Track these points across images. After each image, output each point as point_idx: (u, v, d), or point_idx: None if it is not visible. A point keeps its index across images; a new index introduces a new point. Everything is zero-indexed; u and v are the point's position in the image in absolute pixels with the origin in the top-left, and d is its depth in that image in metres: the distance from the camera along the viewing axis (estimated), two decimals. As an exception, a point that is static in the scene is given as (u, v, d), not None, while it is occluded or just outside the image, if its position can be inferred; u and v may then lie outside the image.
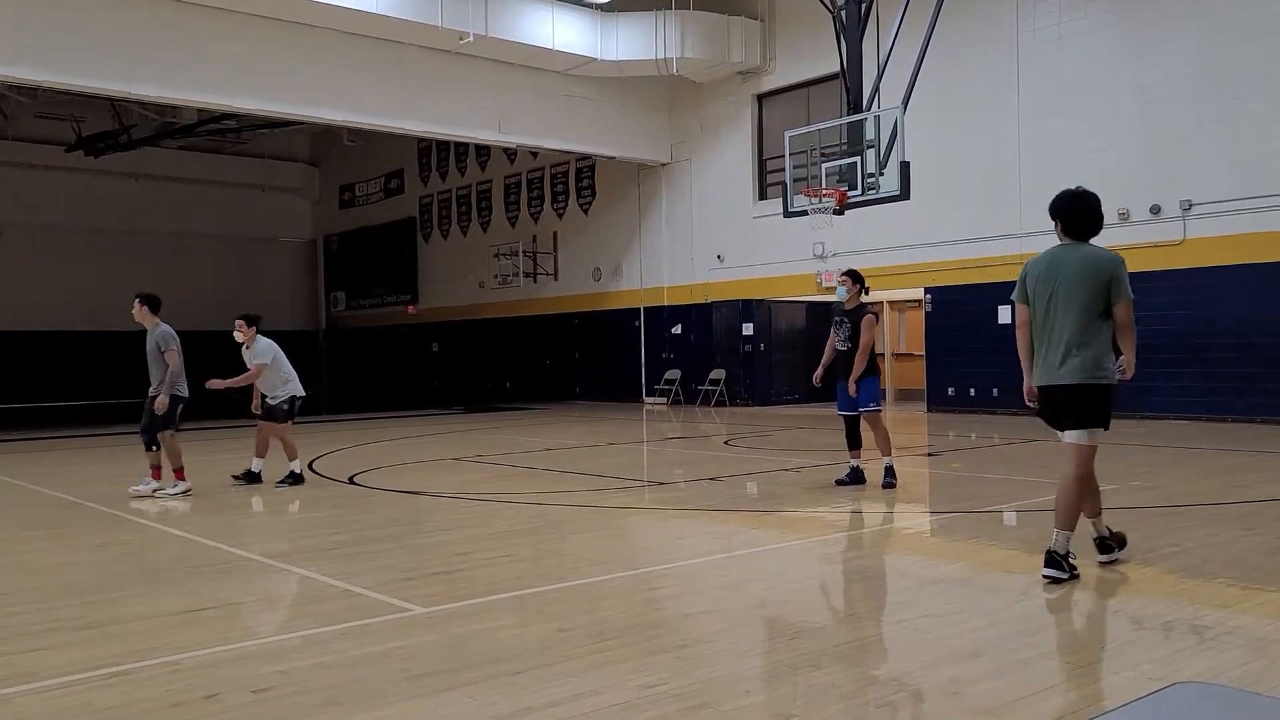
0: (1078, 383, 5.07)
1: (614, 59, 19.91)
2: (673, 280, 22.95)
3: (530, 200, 26.97)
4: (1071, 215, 5.28)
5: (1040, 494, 8.25)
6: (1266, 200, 14.07)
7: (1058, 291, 5.12)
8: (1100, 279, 5.05)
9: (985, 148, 17.13)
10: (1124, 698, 3.28)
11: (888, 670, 3.88)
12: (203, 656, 4.10)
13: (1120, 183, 15.48)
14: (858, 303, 8.74)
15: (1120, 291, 5.04)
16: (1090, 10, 15.93)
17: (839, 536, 6.78)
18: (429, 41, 18.17)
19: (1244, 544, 6.00)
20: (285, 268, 35.38)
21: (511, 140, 20.87)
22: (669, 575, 5.70)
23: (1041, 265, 5.26)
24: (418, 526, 7.59)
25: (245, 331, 9.76)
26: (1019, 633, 4.42)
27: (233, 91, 17.04)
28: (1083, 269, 5.08)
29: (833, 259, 19.52)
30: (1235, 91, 14.36)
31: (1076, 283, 5.07)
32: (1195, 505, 7.44)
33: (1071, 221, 5.26)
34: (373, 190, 33.11)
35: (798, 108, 20.19)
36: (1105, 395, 5.11)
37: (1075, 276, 5.08)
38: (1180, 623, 4.36)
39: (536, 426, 17.35)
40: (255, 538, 7.03)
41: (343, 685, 3.75)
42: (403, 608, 4.85)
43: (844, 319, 8.71)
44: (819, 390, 9.98)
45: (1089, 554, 5.43)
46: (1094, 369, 5.05)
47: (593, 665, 3.94)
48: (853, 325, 8.63)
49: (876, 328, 8.72)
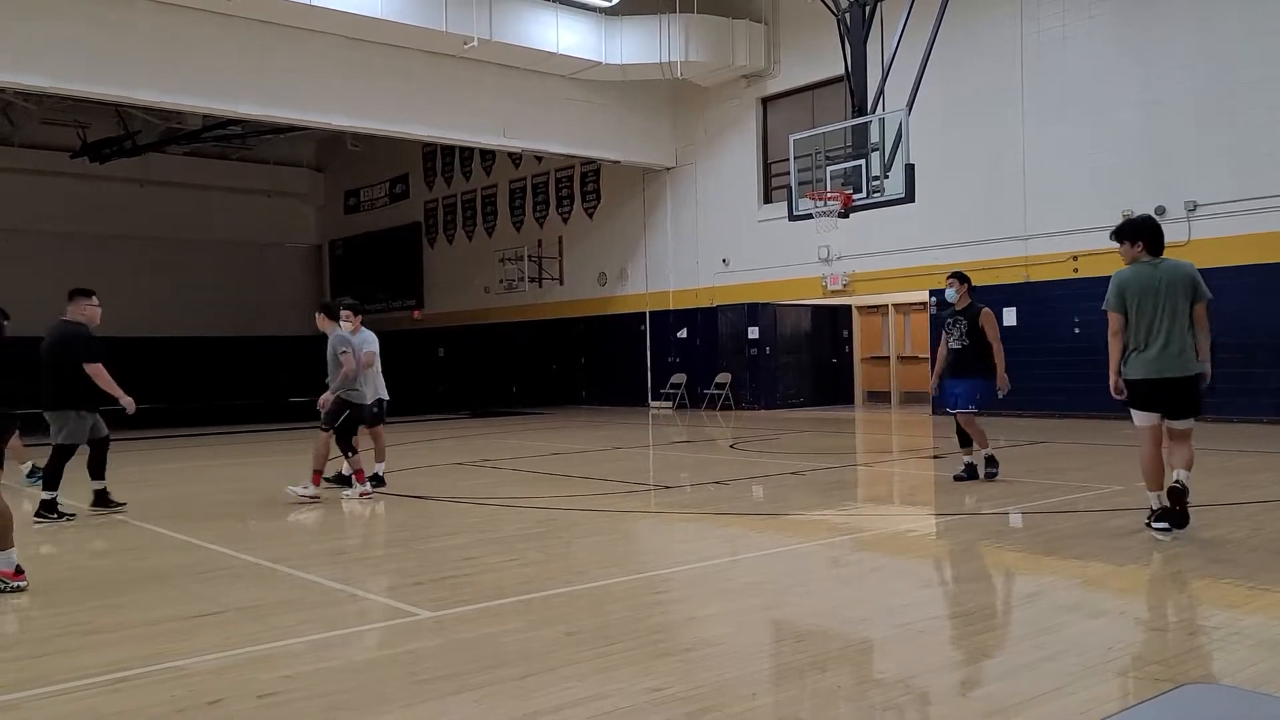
0: (1196, 374, 6.07)
1: (618, 63, 19.93)
2: (678, 284, 22.95)
3: (535, 205, 27.00)
4: (1154, 235, 6.27)
5: (1046, 496, 8.23)
6: (1272, 200, 14.03)
7: (1163, 299, 6.04)
8: (1190, 284, 6.07)
9: (989, 150, 17.11)
10: (1132, 699, 3.27)
11: (893, 672, 3.87)
12: (208, 662, 4.11)
13: (1124, 184, 15.47)
14: (968, 301, 8.97)
15: (1201, 292, 6.07)
16: (1094, 12, 15.92)
17: (844, 539, 6.76)
18: (433, 46, 18.22)
19: (1251, 544, 5.98)
20: (291, 273, 35.47)
21: (516, 145, 20.90)
22: (675, 579, 5.70)
23: (1141, 279, 6.16)
24: (424, 531, 7.59)
25: (353, 321, 9.46)
26: (1026, 634, 4.41)
27: (237, 97, 17.09)
28: (1180, 278, 6.08)
29: (838, 262, 19.52)
30: (1239, 92, 14.33)
31: (1179, 290, 6.05)
32: (1202, 506, 7.40)
33: (1154, 240, 6.26)
34: (378, 195, 33.17)
35: (802, 111, 20.19)
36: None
37: (1177, 285, 6.06)
38: (1187, 623, 4.34)
39: (542, 431, 17.35)
40: (261, 542, 7.03)
41: (348, 690, 3.75)
42: (409, 612, 4.85)
43: (957, 319, 8.93)
44: (824, 394, 10.18)
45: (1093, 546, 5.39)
46: (1197, 361, 6.09)
47: (599, 669, 3.94)
48: (968, 322, 8.81)
49: (994, 320, 8.90)
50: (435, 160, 30.41)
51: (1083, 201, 15.94)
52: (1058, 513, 7.45)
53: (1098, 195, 15.73)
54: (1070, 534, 6.59)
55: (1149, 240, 6.24)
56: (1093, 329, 15.82)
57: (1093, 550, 5.95)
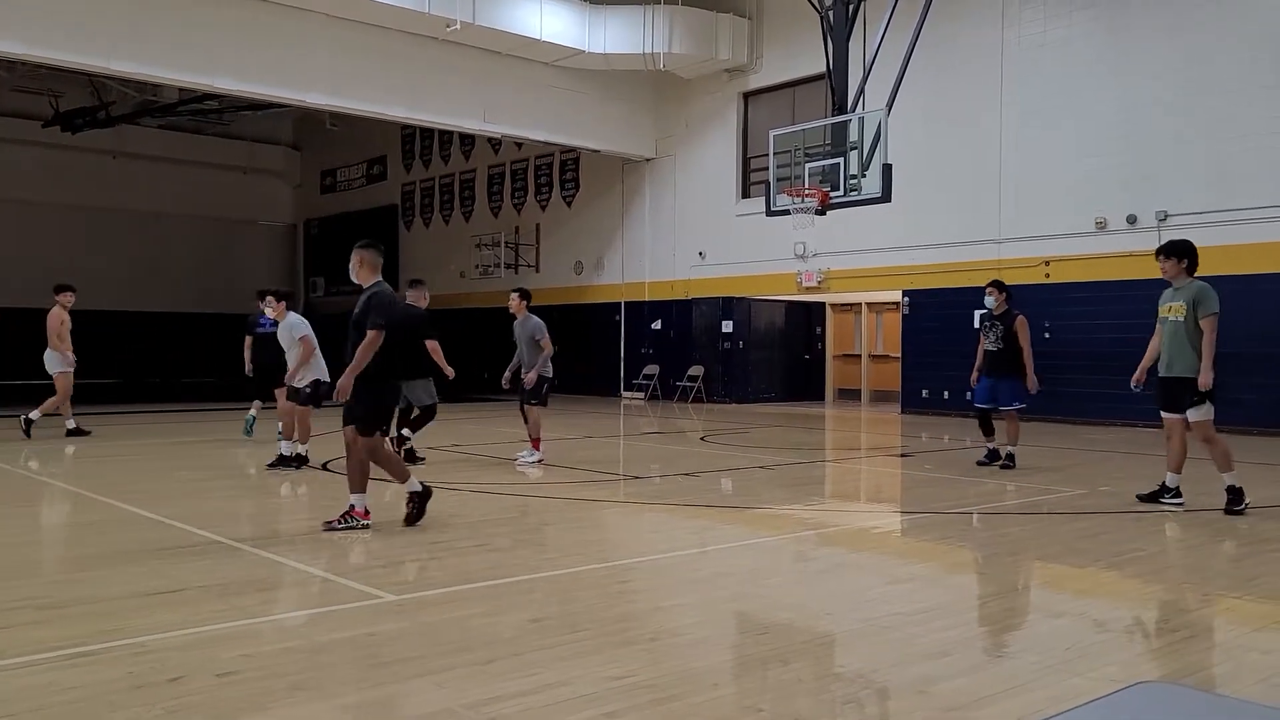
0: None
1: (601, 52, 19.87)
2: (654, 276, 22.96)
3: (513, 191, 26.88)
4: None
5: (1011, 497, 8.33)
6: (1241, 213, 14.24)
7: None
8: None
9: (967, 153, 17.23)
10: (1087, 698, 3.32)
11: (855, 667, 3.90)
12: (168, 639, 4.07)
13: (1100, 191, 15.64)
14: (1005, 308, 9.92)
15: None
16: (1074, 19, 16.05)
17: (810, 534, 6.81)
18: (416, 28, 18.06)
19: (1211, 549, 6.08)
20: (265, 251, 35.11)
21: (496, 130, 20.79)
22: (642, 568, 5.71)
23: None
24: (392, 515, 7.56)
25: (275, 308, 10.21)
26: (986, 633, 4.47)
27: (215, 72, 16.87)
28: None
29: (813, 259, 19.60)
30: (1215, 104, 14.51)
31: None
32: (1163, 511, 7.53)
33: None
34: (355, 176, 32.90)
35: (783, 107, 20.23)
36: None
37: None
38: (1145, 625, 4.41)
39: (513, 417, 17.28)
40: (227, 522, 6.97)
41: (309, 670, 3.74)
42: (374, 595, 4.83)
43: (994, 323, 9.91)
44: (796, 390, 10.75)
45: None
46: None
47: (564, 656, 3.94)
48: (1005, 327, 9.79)
49: (1027, 326, 9.91)
50: (414, 143, 30.19)
51: (1057, 207, 16.10)
52: (1022, 514, 7.54)
53: (1072, 202, 15.90)
54: (1033, 535, 6.68)
55: (1193, 260, 7.50)
56: (1062, 334, 16.02)
57: (1055, 552, 6.03)
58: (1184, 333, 7.36)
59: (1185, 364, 7.33)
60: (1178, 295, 7.50)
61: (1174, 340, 7.43)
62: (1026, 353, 9.76)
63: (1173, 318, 7.49)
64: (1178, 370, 7.39)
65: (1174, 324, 7.45)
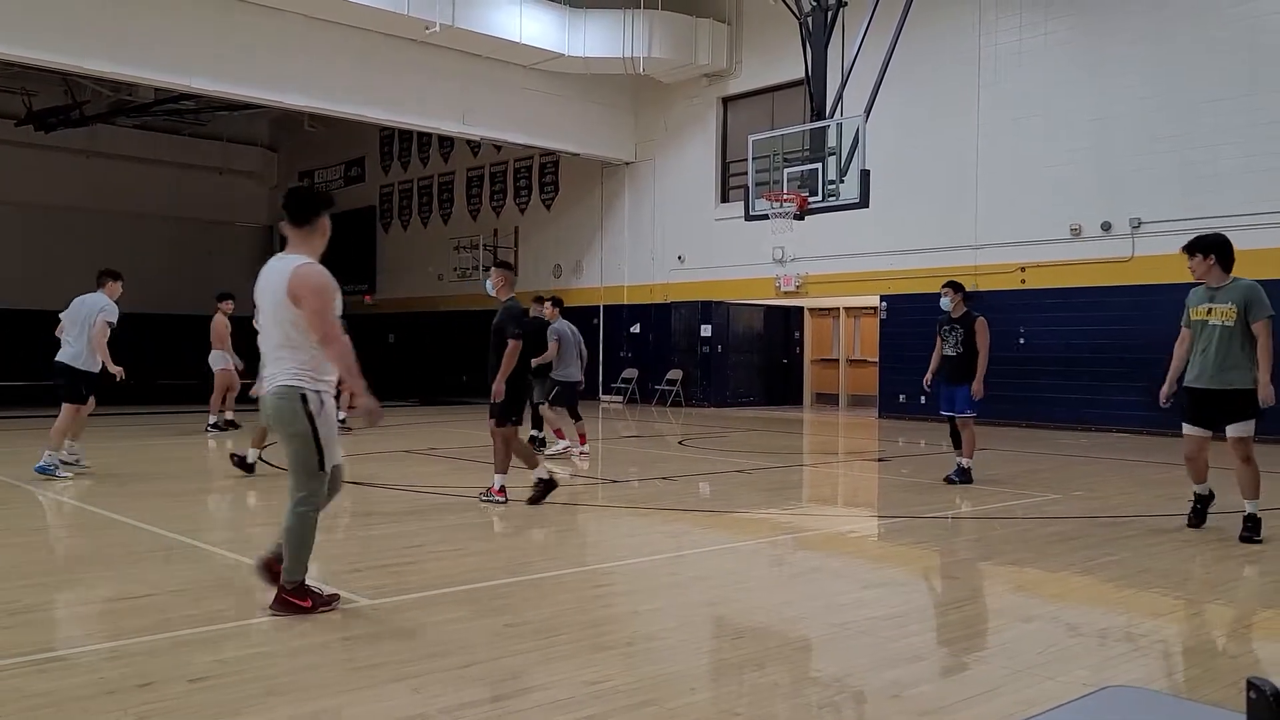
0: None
1: (581, 55, 19.87)
2: (633, 279, 22.97)
3: (492, 194, 26.82)
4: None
5: (985, 502, 8.39)
6: (1212, 221, 14.34)
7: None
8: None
9: (945, 159, 17.36)
10: (1058, 701, 3.35)
11: (830, 671, 3.92)
12: (140, 644, 4.03)
13: (1074, 198, 15.80)
14: (964, 310, 9.35)
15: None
16: (1050, 28, 16.21)
17: (787, 538, 6.83)
18: (395, 29, 18.00)
19: (1180, 555, 6.15)
20: (241, 252, 34.74)
21: (475, 133, 20.75)
22: (619, 572, 5.71)
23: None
24: (368, 518, 7.52)
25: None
26: (959, 637, 4.50)
27: (191, 71, 16.73)
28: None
29: (792, 264, 19.67)
30: (1187, 112, 14.70)
31: None
32: (1135, 516, 7.61)
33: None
34: (333, 177, 32.70)
35: (762, 112, 20.30)
36: None
37: None
38: (1115, 630, 4.46)
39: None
40: (199, 525, 6.91)
41: (282, 675, 3.71)
42: (348, 599, 4.80)
43: (953, 326, 9.31)
44: (774, 394, 10.55)
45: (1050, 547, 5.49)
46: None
47: (540, 660, 3.94)
48: (964, 330, 9.22)
49: (987, 329, 9.32)
50: (393, 144, 30.07)
51: (1032, 214, 16.25)
52: (996, 518, 7.60)
53: (1047, 208, 16.05)
54: (1006, 539, 6.73)
55: (1226, 257, 6.64)
56: (1036, 339, 16.17)
57: (1027, 556, 6.08)
58: (1233, 338, 6.42)
59: (1237, 374, 6.38)
60: (1220, 296, 6.55)
61: (1220, 347, 6.46)
62: (983, 356, 9.14)
63: (1216, 321, 6.52)
64: (1227, 381, 6.43)
65: (1219, 329, 6.48)
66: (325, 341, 4.43)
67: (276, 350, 4.49)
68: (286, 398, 4.43)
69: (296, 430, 4.43)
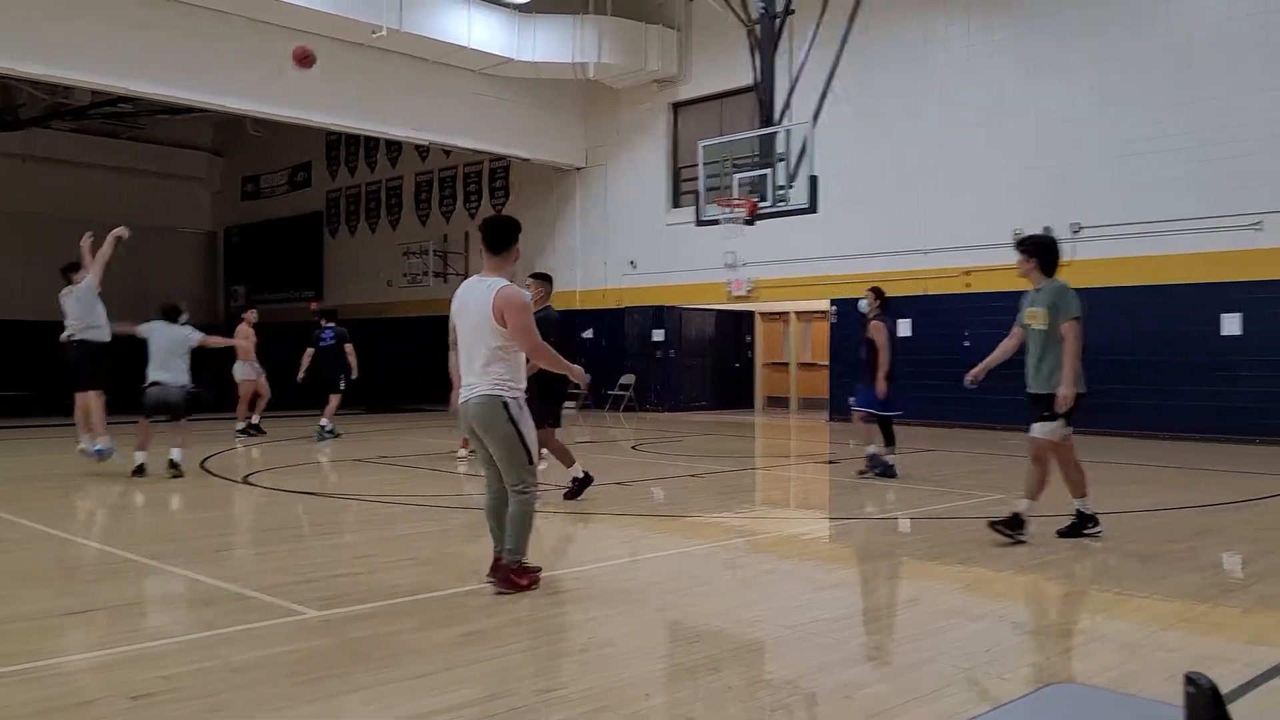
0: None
1: (530, 60, 19.81)
2: (585, 284, 22.94)
3: (442, 199, 26.62)
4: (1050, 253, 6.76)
5: (933, 502, 8.51)
6: (1150, 226, 14.80)
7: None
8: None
9: (892, 165, 17.60)
10: (1005, 699, 3.41)
11: (783, 674, 3.95)
12: (80, 661, 3.93)
13: (1018, 203, 16.11)
14: (876, 312, 9.89)
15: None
16: (995, 37, 16.54)
17: (740, 542, 6.87)
18: (341, 33, 17.78)
19: (1120, 552, 6.29)
20: (183, 259, 34.10)
21: (424, 137, 20.58)
22: (572, 578, 5.69)
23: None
24: (317, 529, 7.41)
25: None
26: (910, 637, 4.56)
27: (129, 74, 16.36)
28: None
29: (743, 268, 19.80)
30: (1127, 120, 15.08)
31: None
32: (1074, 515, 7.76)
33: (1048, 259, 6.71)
34: (278, 182, 32.21)
35: (712, 118, 20.42)
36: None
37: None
38: (1058, 627, 4.55)
39: (443, 428, 17.10)
40: (142, 538, 6.75)
41: (227, 691, 3.64)
42: (296, 611, 4.73)
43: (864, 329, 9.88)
44: (726, 398, 10.98)
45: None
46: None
47: (494, 669, 3.91)
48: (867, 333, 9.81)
49: (884, 332, 9.77)
50: (339, 149, 29.70)
51: (978, 219, 16.54)
52: (943, 519, 7.71)
53: (992, 213, 16.35)
54: (954, 540, 6.83)
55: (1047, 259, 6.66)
56: (982, 342, 16.39)
57: (975, 556, 6.18)
58: (1047, 341, 6.45)
59: (1057, 376, 6.38)
60: (1037, 299, 6.59)
61: (1035, 350, 6.52)
62: (880, 358, 9.64)
63: (1031, 324, 6.59)
64: (1045, 385, 6.45)
65: (1035, 333, 6.55)
66: (535, 354, 5.06)
67: (478, 364, 4.99)
68: (490, 406, 4.97)
69: (504, 433, 4.98)
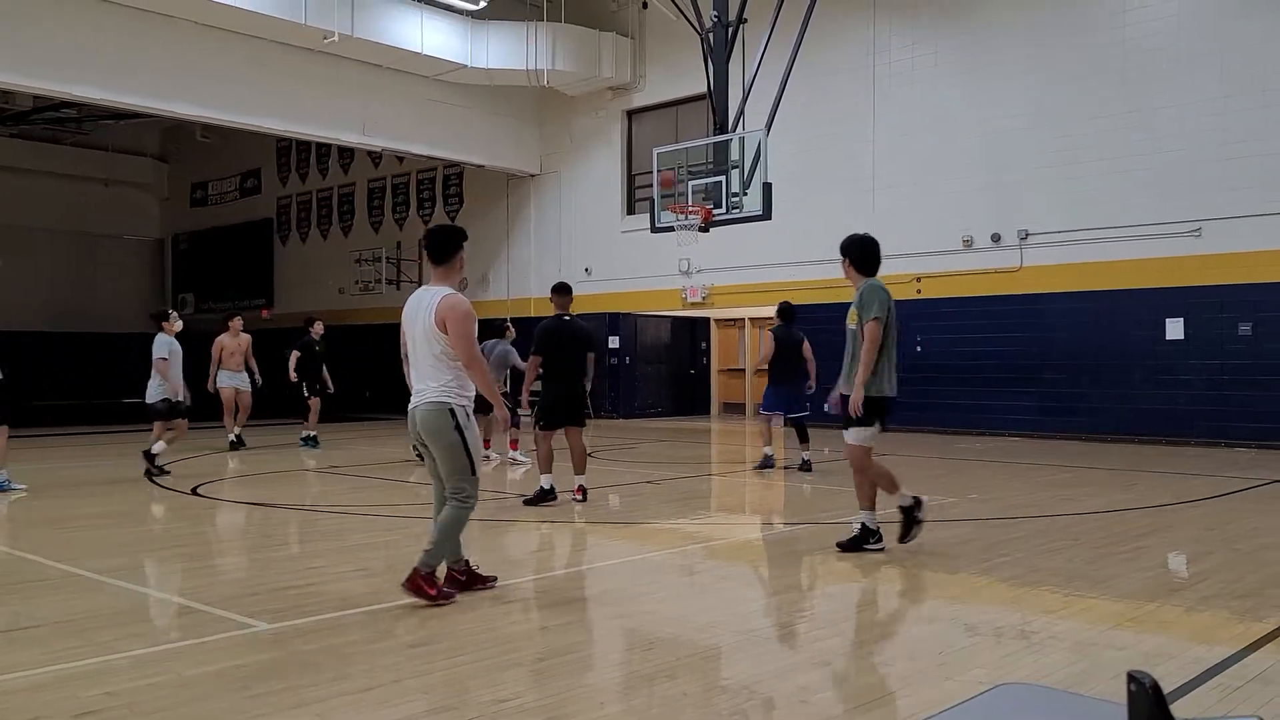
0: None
1: (484, 67, 19.74)
2: (540, 292, 22.85)
3: (395, 205, 26.40)
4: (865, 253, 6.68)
5: (884, 506, 8.58)
6: (1095, 232, 15.13)
7: (894, 319, 6.36)
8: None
9: (844, 173, 17.80)
10: (955, 700, 3.45)
11: (739, 679, 3.96)
12: (21, 679, 3.82)
13: (966, 211, 16.39)
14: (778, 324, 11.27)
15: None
16: (940, 48, 16.81)
17: (696, 548, 6.88)
18: (291, 39, 17.58)
19: (1070, 553, 6.41)
20: (129, 267, 33.44)
21: (376, 144, 20.40)
22: (527, 588, 5.66)
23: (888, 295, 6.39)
24: (266, 540, 7.29)
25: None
26: (864, 640, 4.60)
27: (72, 78, 16.01)
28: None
29: (698, 275, 19.88)
30: (1068, 130, 15.40)
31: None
32: (1027, 517, 7.90)
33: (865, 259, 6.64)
34: (228, 189, 31.71)
35: (666, 125, 20.50)
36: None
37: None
38: (1010, 628, 4.62)
39: (395, 437, 16.93)
40: (85, 552, 6.59)
41: (175, 707, 3.56)
42: (246, 624, 4.64)
43: None
44: (682, 404, 11.42)
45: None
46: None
47: (446, 680, 3.88)
48: None
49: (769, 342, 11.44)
50: (290, 155, 29.32)
51: (927, 226, 16.78)
52: (896, 522, 7.79)
53: (941, 221, 16.60)
54: (906, 544, 6.89)
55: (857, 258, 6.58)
56: (934, 347, 16.68)
57: (927, 559, 6.25)
58: (856, 342, 6.31)
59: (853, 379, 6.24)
60: (854, 300, 6.44)
61: (849, 350, 6.43)
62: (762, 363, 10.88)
63: (849, 325, 6.42)
64: (846, 387, 6.32)
65: (850, 333, 6.41)
66: (468, 364, 5.05)
67: (426, 371, 5.07)
68: (437, 412, 5.03)
69: (449, 441, 5.05)
